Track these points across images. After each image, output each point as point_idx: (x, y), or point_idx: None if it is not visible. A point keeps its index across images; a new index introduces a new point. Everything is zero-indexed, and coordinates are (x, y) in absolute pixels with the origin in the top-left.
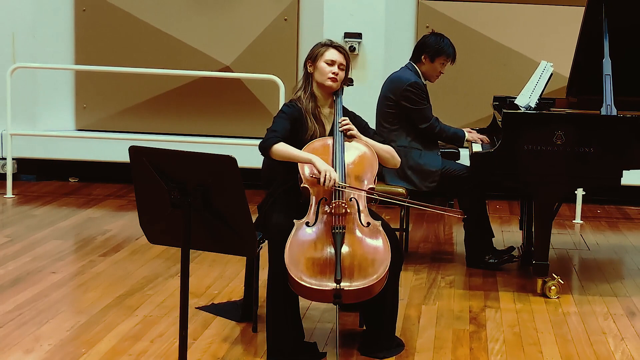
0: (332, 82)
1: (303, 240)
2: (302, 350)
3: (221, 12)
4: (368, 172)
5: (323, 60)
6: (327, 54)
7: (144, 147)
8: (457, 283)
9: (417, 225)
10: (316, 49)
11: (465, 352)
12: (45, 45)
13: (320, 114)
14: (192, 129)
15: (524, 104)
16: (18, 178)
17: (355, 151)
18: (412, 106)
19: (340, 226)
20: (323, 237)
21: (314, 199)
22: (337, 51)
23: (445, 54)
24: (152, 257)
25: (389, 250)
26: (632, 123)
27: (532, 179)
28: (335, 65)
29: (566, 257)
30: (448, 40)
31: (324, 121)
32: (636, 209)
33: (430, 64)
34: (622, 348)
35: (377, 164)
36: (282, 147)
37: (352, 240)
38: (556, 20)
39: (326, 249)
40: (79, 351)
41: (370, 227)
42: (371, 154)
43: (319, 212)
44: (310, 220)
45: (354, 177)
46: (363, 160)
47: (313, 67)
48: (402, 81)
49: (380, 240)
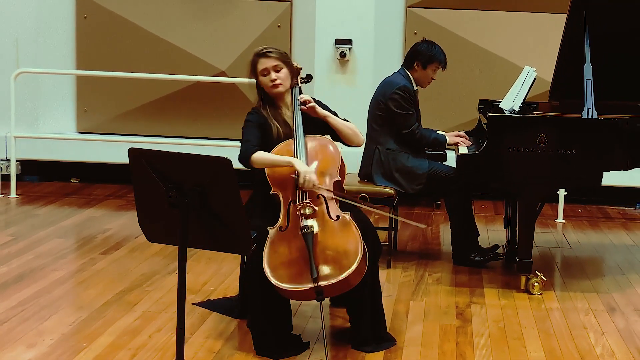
0: (275, 89)
1: (278, 246)
2: (288, 344)
3: (217, 19)
4: (331, 165)
5: (259, 73)
6: (259, 66)
7: (143, 149)
8: (444, 280)
9: (405, 224)
10: (250, 63)
11: (452, 346)
12: (47, 51)
13: (281, 114)
14: (189, 132)
15: (508, 108)
16: (21, 179)
17: (317, 147)
18: (397, 110)
19: (307, 226)
20: (296, 239)
21: (283, 204)
22: (264, 58)
23: (437, 61)
24: (150, 255)
25: (360, 239)
26: (612, 126)
27: (516, 180)
28: (271, 72)
29: (549, 255)
30: (439, 47)
31: (288, 121)
32: (616, 209)
33: (422, 71)
34: (602, 342)
35: (339, 157)
36: (260, 155)
37: (323, 236)
38: (539, 27)
39: (300, 250)
40: (80, 345)
41: (340, 219)
42: (333, 148)
43: (289, 215)
44: (282, 225)
45: (318, 172)
46: (325, 155)
47: (257, 80)
48: (393, 85)
49: (350, 231)
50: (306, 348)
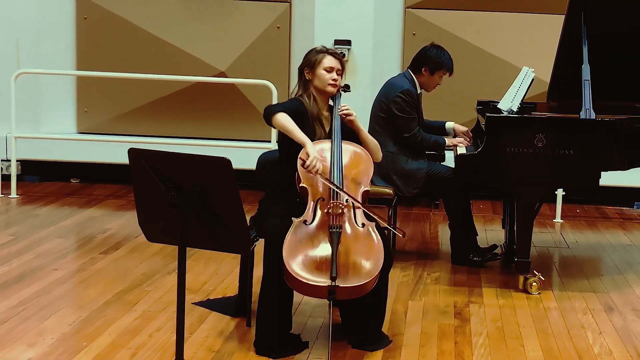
0: (333, 88)
1: (301, 237)
2: (288, 343)
3: (217, 20)
4: (364, 175)
5: (322, 68)
6: (325, 62)
7: (143, 149)
8: (443, 280)
9: (404, 225)
10: (312, 56)
11: (450, 345)
12: (48, 52)
13: (322, 116)
14: (189, 132)
15: (507, 108)
16: (22, 179)
17: (352, 154)
18: (399, 113)
19: (337, 225)
20: (320, 236)
21: (311, 199)
22: (333, 58)
23: (446, 68)
24: (150, 254)
25: (382, 250)
26: (610, 126)
27: (514, 180)
28: (334, 72)
29: (547, 255)
30: (448, 53)
31: (323, 122)
32: (614, 209)
33: (429, 76)
34: (600, 342)
35: (372, 167)
36: (285, 118)
37: (347, 239)
38: (537, 28)
39: (323, 247)
40: (80, 345)
41: (365, 228)
42: (367, 157)
43: (316, 211)
44: (308, 219)
45: (350, 179)
46: (359, 164)
47: (311, 74)
48: (396, 87)
49: (374, 241)
50: (305, 347)
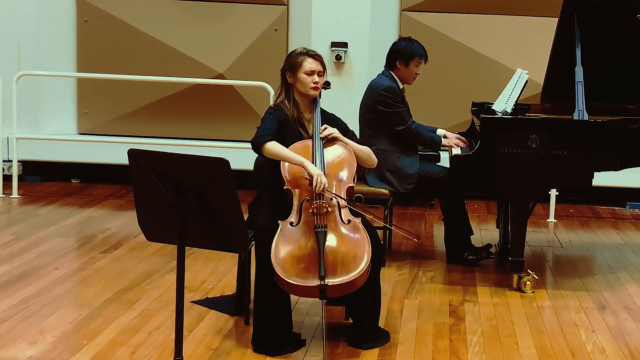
0: (315, 92)
1: (288, 240)
2: (286, 341)
3: (215, 23)
4: (347, 171)
5: (303, 72)
6: (306, 65)
7: (142, 150)
8: (438, 278)
9: (399, 224)
10: (293, 59)
11: (445, 343)
12: (49, 54)
13: (303, 119)
14: (188, 133)
15: (501, 109)
16: (23, 179)
17: (333, 152)
18: (388, 109)
19: (323, 225)
20: (306, 236)
21: (296, 200)
22: (314, 60)
23: (418, 56)
24: (149, 254)
25: (369, 245)
26: (603, 127)
27: (508, 181)
28: (315, 74)
29: (540, 254)
30: (417, 42)
31: (306, 125)
32: (607, 209)
33: (405, 68)
34: (593, 340)
35: (355, 164)
36: (274, 146)
37: (334, 237)
38: (531, 31)
39: (310, 247)
40: (80, 343)
41: (351, 224)
42: (349, 154)
43: (302, 212)
44: (294, 220)
45: (333, 176)
46: (341, 161)
47: (293, 78)
48: (378, 87)
49: (360, 236)
50: (302, 345)
